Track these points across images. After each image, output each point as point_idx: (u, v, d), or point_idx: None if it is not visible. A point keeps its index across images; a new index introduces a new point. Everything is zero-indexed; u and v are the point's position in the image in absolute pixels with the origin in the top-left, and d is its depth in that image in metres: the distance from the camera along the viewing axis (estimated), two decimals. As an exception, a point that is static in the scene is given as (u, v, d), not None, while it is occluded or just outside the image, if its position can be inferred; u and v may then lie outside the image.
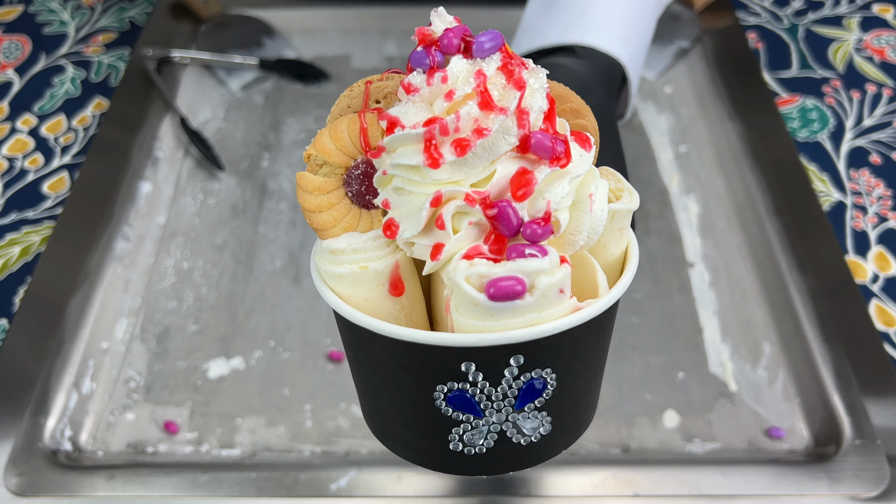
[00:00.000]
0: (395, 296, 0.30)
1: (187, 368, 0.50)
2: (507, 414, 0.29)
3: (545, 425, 0.30)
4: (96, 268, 0.53)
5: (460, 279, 0.26)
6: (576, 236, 0.28)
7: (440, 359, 0.28)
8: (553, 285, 0.26)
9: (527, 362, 0.27)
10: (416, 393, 0.29)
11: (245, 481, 0.44)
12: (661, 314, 0.53)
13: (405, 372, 0.29)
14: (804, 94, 0.67)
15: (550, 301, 0.26)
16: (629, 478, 0.44)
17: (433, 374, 0.28)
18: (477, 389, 0.28)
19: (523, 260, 0.26)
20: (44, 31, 0.74)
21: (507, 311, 0.26)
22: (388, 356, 0.29)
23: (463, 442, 0.30)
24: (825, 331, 0.50)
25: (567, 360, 0.29)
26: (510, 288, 0.25)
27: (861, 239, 0.57)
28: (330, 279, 0.29)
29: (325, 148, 0.29)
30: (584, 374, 0.31)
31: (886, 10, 0.75)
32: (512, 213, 0.26)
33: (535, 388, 0.29)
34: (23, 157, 0.63)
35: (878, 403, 0.46)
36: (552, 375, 0.28)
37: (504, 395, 0.28)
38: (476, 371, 0.28)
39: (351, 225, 0.30)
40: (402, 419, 0.31)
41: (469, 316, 0.26)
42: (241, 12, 0.74)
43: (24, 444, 0.45)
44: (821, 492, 0.43)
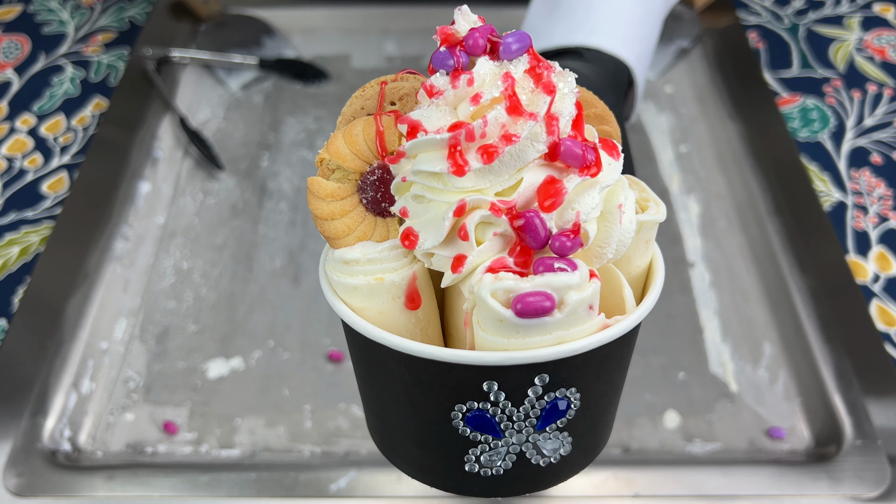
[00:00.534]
0: (411, 309, 0.28)
1: (187, 369, 0.50)
2: (527, 435, 0.28)
3: (566, 446, 0.29)
4: (96, 268, 0.53)
5: (486, 294, 0.24)
6: (604, 249, 0.27)
7: (461, 378, 0.26)
8: (583, 301, 0.24)
9: (552, 381, 0.26)
10: (433, 412, 0.28)
11: (244, 482, 0.44)
12: (662, 314, 0.53)
13: (422, 390, 0.27)
14: (805, 94, 0.67)
15: (580, 318, 0.25)
16: (630, 478, 0.44)
17: (453, 394, 0.27)
18: (498, 409, 0.27)
19: (552, 274, 0.24)
20: (43, 30, 0.74)
21: (534, 328, 0.24)
22: (405, 373, 0.27)
23: (479, 463, 0.29)
24: (826, 331, 0.50)
25: (592, 379, 0.27)
26: (538, 304, 0.24)
27: (862, 239, 0.56)
28: (342, 291, 0.28)
29: (340, 152, 0.27)
30: (608, 392, 0.29)
31: (887, 9, 0.75)
32: (540, 224, 0.25)
33: (559, 409, 0.27)
34: (22, 157, 0.63)
35: (879, 404, 0.46)
36: (576, 395, 0.27)
37: (526, 415, 0.27)
38: (498, 391, 0.26)
39: (366, 234, 0.28)
40: (414, 438, 0.30)
41: (493, 332, 0.25)
42: (241, 12, 0.74)
43: (23, 444, 0.45)
44: (821, 492, 0.43)
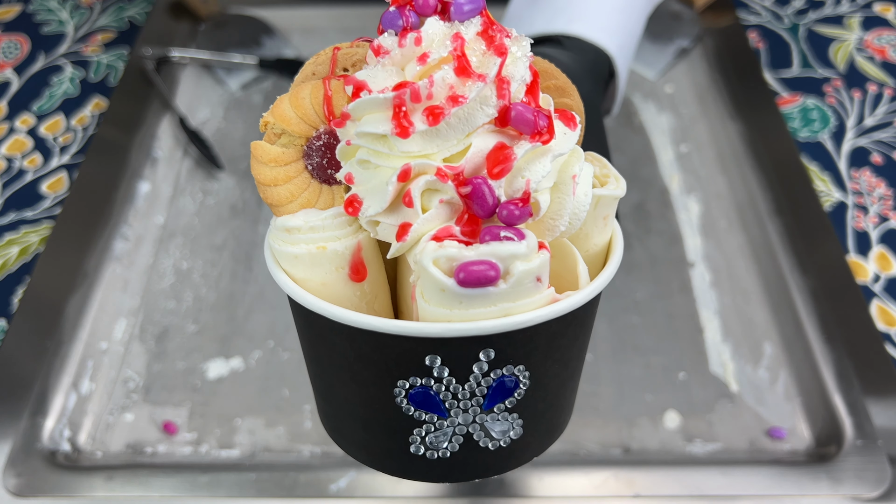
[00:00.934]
0: (355, 281, 0.27)
1: (186, 369, 0.50)
2: (474, 415, 0.27)
3: (516, 429, 0.28)
4: (95, 268, 0.53)
5: (427, 262, 0.23)
6: (556, 221, 0.26)
7: (402, 351, 0.25)
8: (529, 272, 0.23)
9: (497, 357, 0.25)
10: (375, 389, 0.26)
11: (244, 482, 0.44)
12: (662, 314, 0.53)
13: (364, 365, 0.26)
14: (805, 94, 0.67)
15: (526, 290, 0.24)
16: (630, 478, 0.44)
17: (394, 369, 0.25)
18: (442, 386, 0.26)
19: (498, 243, 0.23)
20: (42, 30, 0.74)
21: (477, 298, 0.23)
22: (346, 347, 0.26)
23: (425, 445, 0.28)
24: (826, 331, 0.50)
25: (542, 357, 0.26)
26: (482, 273, 0.23)
27: (862, 239, 0.56)
28: (284, 260, 0.27)
29: (285, 115, 0.26)
30: (560, 374, 0.28)
31: (887, 9, 0.75)
32: (487, 191, 0.24)
33: (506, 387, 0.26)
34: (21, 157, 0.62)
35: (880, 404, 0.46)
36: (525, 374, 0.26)
37: (472, 393, 0.26)
38: (442, 366, 0.25)
39: (309, 201, 0.27)
40: (359, 418, 0.28)
41: (436, 303, 0.24)
42: (241, 11, 0.74)
43: (22, 444, 0.45)
44: (822, 492, 0.43)
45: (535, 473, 0.44)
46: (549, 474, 0.44)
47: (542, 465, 0.45)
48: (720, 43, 0.71)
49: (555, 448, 0.46)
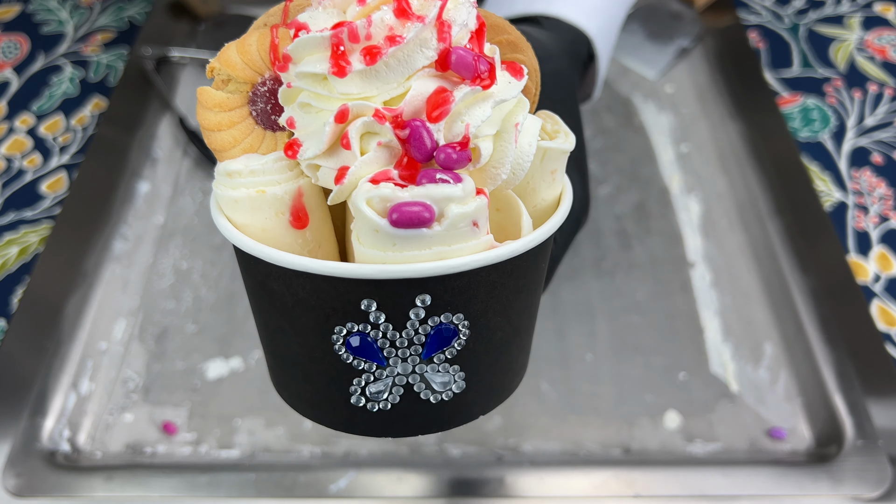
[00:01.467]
0: (297, 228, 0.27)
1: (186, 369, 0.50)
2: (413, 364, 0.26)
3: (458, 382, 0.27)
4: (95, 268, 0.53)
5: (361, 202, 0.23)
6: (498, 169, 0.26)
7: (338, 294, 0.25)
8: (465, 216, 0.23)
9: (434, 304, 0.25)
10: (314, 336, 0.26)
11: (244, 482, 0.44)
12: (663, 314, 0.53)
13: (302, 311, 0.26)
14: (805, 94, 0.67)
15: (462, 234, 0.24)
16: (630, 479, 0.44)
17: (331, 314, 0.25)
18: (379, 333, 0.25)
19: (433, 185, 0.23)
20: (42, 30, 0.74)
21: (411, 240, 0.23)
22: (284, 292, 0.26)
23: (366, 396, 0.27)
24: (827, 331, 0.50)
25: (481, 307, 0.26)
26: (416, 214, 0.22)
27: (862, 239, 0.56)
28: (226, 205, 0.26)
29: (231, 61, 0.26)
30: (504, 328, 0.27)
31: (888, 9, 0.75)
32: (426, 134, 0.24)
33: (445, 336, 0.26)
34: (21, 157, 0.62)
35: (880, 404, 0.46)
36: (464, 323, 0.26)
37: (410, 341, 0.25)
38: (378, 311, 0.25)
39: (252, 146, 0.27)
40: (301, 369, 0.28)
41: (370, 245, 0.24)
42: (240, 11, 0.74)
43: (22, 444, 0.45)
44: (822, 492, 0.43)
45: (535, 473, 0.44)
46: (549, 474, 0.44)
47: (542, 465, 0.45)
48: (720, 43, 0.71)
49: (555, 448, 0.46)
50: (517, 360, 0.30)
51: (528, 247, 0.26)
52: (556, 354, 0.50)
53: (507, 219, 0.27)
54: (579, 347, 0.51)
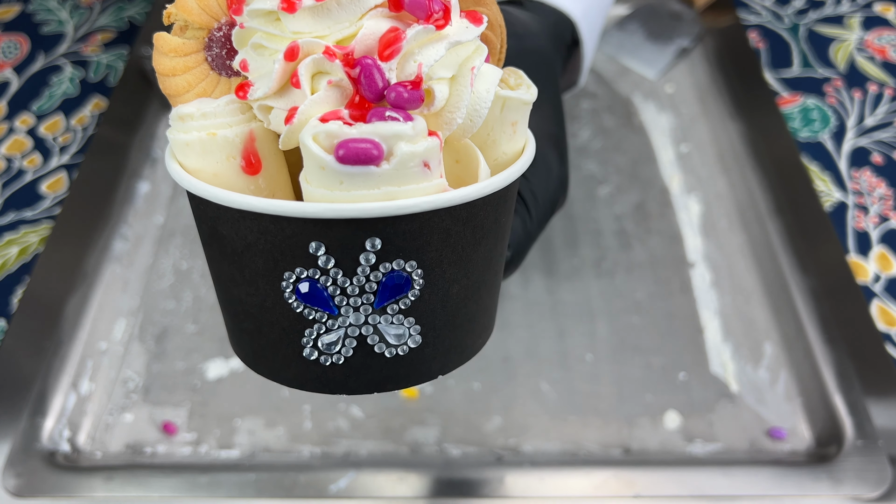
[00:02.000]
0: (249, 174, 0.26)
1: (186, 369, 0.50)
2: (366, 314, 0.25)
3: (413, 336, 0.26)
4: (95, 268, 0.53)
5: (307, 137, 0.23)
6: (453, 114, 0.25)
7: (286, 237, 0.24)
8: (415, 155, 0.23)
9: (385, 249, 0.24)
10: (264, 283, 0.26)
11: (244, 482, 0.44)
12: (663, 314, 0.53)
13: (251, 256, 0.25)
14: (805, 94, 0.67)
15: (412, 174, 0.23)
16: (630, 479, 0.44)
17: (279, 258, 0.25)
18: (328, 279, 0.25)
19: (382, 122, 0.23)
20: (42, 30, 0.74)
21: (359, 178, 0.23)
22: (233, 237, 0.25)
23: (318, 349, 0.26)
24: (827, 331, 0.50)
25: (436, 256, 0.25)
26: (363, 151, 0.22)
27: (862, 239, 0.56)
28: (178, 150, 0.26)
29: (187, 6, 0.26)
30: (461, 281, 0.27)
31: (888, 9, 0.75)
32: (376, 71, 0.23)
33: (397, 284, 0.25)
34: (21, 157, 0.62)
35: (880, 404, 0.46)
36: (418, 272, 0.25)
37: (361, 288, 0.25)
38: (327, 255, 0.24)
39: (206, 91, 0.27)
40: (253, 322, 0.27)
41: (317, 183, 0.23)
42: (241, 11, 0.74)
43: (22, 444, 0.45)
44: (822, 492, 0.43)
45: (535, 473, 0.44)
46: (549, 474, 0.44)
47: (542, 465, 0.45)
48: (720, 43, 0.71)
49: (555, 448, 0.46)
50: (478, 318, 0.29)
51: (483, 192, 0.25)
52: (556, 354, 0.50)
53: (466, 170, 0.27)
54: (579, 347, 0.51)
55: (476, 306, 0.28)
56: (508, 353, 0.50)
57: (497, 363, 0.50)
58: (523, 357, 0.50)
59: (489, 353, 0.50)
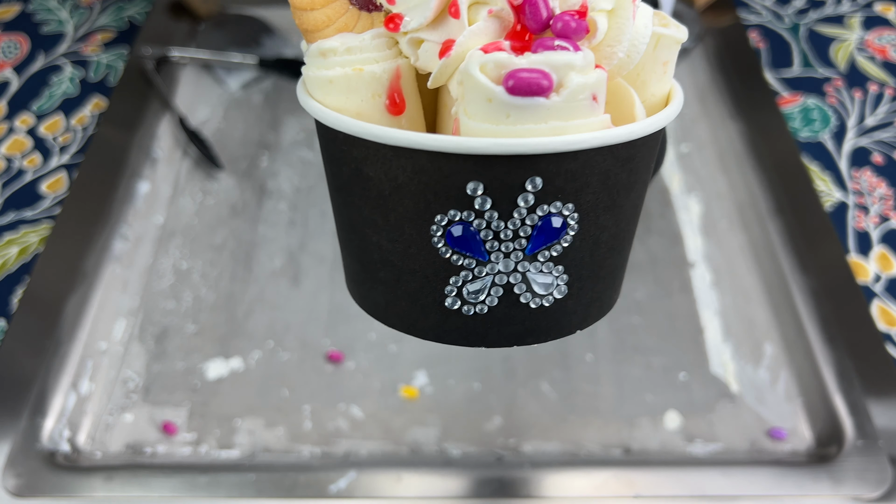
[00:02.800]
0: (393, 114, 0.25)
1: (186, 369, 0.50)
2: (516, 261, 0.24)
3: (560, 286, 0.25)
4: (94, 268, 0.53)
5: (474, 68, 0.21)
6: (614, 48, 0.24)
7: (442, 176, 0.23)
8: (585, 87, 0.21)
9: (545, 189, 0.23)
10: (411, 228, 0.24)
11: (244, 482, 0.43)
12: (663, 314, 0.53)
13: (399, 198, 0.24)
14: (806, 94, 0.67)
15: (580, 108, 0.22)
16: (630, 479, 0.44)
17: (432, 199, 0.23)
18: (483, 222, 0.23)
19: (552, 52, 0.21)
20: (42, 30, 0.74)
21: (527, 111, 0.21)
22: (381, 178, 0.24)
23: (461, 297, 0.25)
24: (827, 331, 0.49)
25: (593, 199, 0.24)
26: (534, 81, 0.21)
27: (863, 239, 0.56)
28: (317, 87, 0.25)
29: None
30: (611, 229, 0.25)
31: (888, 8, 0.75)
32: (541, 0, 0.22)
33: (553, 228, 0.24)
34: (21, 157, 0.62)
35: (881, 404, 0.46)
36: (574, 216, 0.24)
37: (515, 233, 0.24)
38: (484, 195, 0.23)
39: (347, 25, 0.25)
40: (391, 270, 0.26)
41: (481, 117, 0.22)
42: (240, 11, 0.74)
43: (22, 444, 0.45)
44: (823, 493, 0.43)
45: (535, 473, 0.44)
46: (549, 474, 0.44)
47: (542, 465, 0.45)
48: (721, 42, 0.71)
49: (555, 448, 0.46)
50: (617, 272, 0.28)
51: (646, 131, 0.24)
52: (556, 354, 0.50)
53: (617, 110, 0.25)
54: (579, 347, 0.51)
55: (619, 258, 0.27)
56: (508, 353, 0.50)
57: (497, 363, 0.50)
58: (523, 357, 0.50)
59: (489, 353, 0.50)
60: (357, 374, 0.49)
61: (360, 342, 0.51)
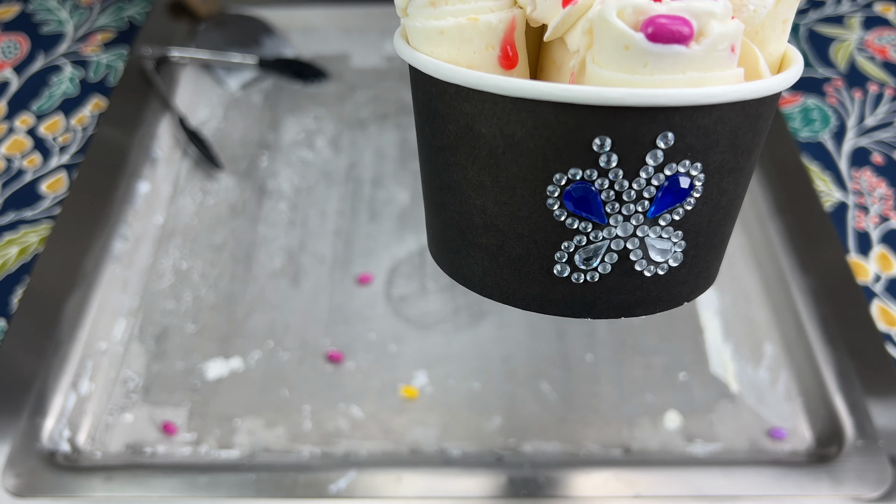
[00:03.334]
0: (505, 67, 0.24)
1: (186, 369, 0.50)
2: (636, 224, 0.23)
3: (676, 253, 0.24)
4: (94, 268, 0.53)
5: (611, 13, 0.20)
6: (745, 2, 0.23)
7: (567, 131, 0.21)
8: (726, 36, 0.20)
9: (675, 147, 0.21)
10: (524, 189, 0.23)
11: (244, 482, 0.43)
12: (663, 314, 0.53)
13: (515, 156, 0.22)
14: (806, 94, 0.67)
15: (719, 58, 0.21)
16: (630, 479, 0.44)
17: (552, 157, 0.22)
18: (606, 181, 0.22)
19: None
20: (42, 30, 0.74)
21: (666, 59, 0.20)
22: (496, 135, 0.23)
23: (572, 264, 0.24)
24: (827, 331, 0.49)
25: (720, 159, 0.23)
26: (676, 28, 0.20)
27: (863, 239, 0.56)
28: (426, 39, 0.23)
29: None
30: (730, 192, 0.24)
31: (888, 9, 0.75)
32: None
33: (680, 189, 0.22)
34: (21, 157, 0.62)
35: (881, 404, 0.46)
36: (700, 177, 0.22)
37: (639, 193, 0.22)
38: (611, 152, 0.21)
39: None
40: (495, 235, 0.24)
41: (615, 66, 0.21)
42: (240, 11, 0.74)
43: (22, 444, 0.45)
44: (823, 493, 0.43)
45: (535, 473, 0.44)
46: (549, 474, 0.44)
47: (542, 465, 0.45)
48: (720, 42, 0.71)
49: (555, 448, 0.46)
50: (725, 243, 0.27)
51: (779, 87, 0.23)
52: (556, 354, 0.50)
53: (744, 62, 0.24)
54: (579, 347, 0.51)
55: (730, 227, 0.26)
56: (508, 353, 0.50)
57: (497, 363, 0.50)
58: (523, 357, 0.50)
59: (489, 353, 0.50)
60: (357, 374, 0.49)
61: (360, 342, 0.51)
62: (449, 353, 0.50)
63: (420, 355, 0.50)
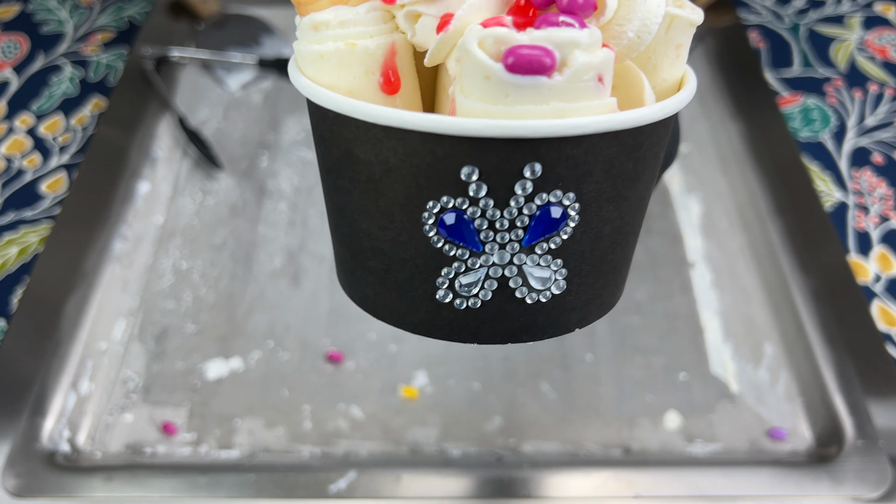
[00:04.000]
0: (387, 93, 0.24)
1: (186, 369, 0.50)
2: (512, 252, 0.23)
3: (558, 280, 0.24)
4: (94, 268, 0.53)
5: (472, 43, 0.20)
6: (624, 27, 0.22)
7: (435, 160, 0.21)
8: (591, 66, 0.20)
9: (544, 177, 0.21)
10: (402, 214, 0.23)
11: (244, 482, 0.43)
12: (663, 315, 0.53)
13: (390, 182, 0.23)
14: (806, 94, 0.67)
15: (585, 89, 0.20)
16: (630, 479, 0.44)
17: (424, 185, 0.22)
18: (478, 210, 0.22)
19: (555, 28, 0.20)
20: (42, 30, 0.74)
21: (527, 90, 0.20)
22: (371, 159, 0.23)
23: (454, 290, 0.24)
24: (827, 331, 0.49)
25: (596, 189, 0.22)
26: (536, 58, 0.19)
27: (863, 239, 0.56)
28: (309, 63, 0.23)
29: None
30: (614, 222, 0.24)
31: (888, 8, 0.75)
32: None
33: (552, 220, 0.22)
34: (21, 157, 0.62)
35: (881, 404, 0.46)
36: (575, 206, 0.22)
37: (511, 223, 0.22)
38: (479, 182, 0.22)
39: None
40: (381, 260, 0.25)
41: (478, 97, 0.20)
42: (240, 11, 0.74)
43: (21, 445, 0.45)
44: (823, 493, 0.43)
45: (535, 473, 0.44)
46: (549, 474, 0.44)
47: (543, 465, 0.45)
48: (721, 42, 0.71)
49: (555, 448, 0.46)
50: (620, 269, 0.27)
51: (655, 116, 0.22)
52: (556, 354, 0.50)
53: (626, 94, 0.24)
54: (579, 347, 0.51)
55: (622, 254, 0.26)
56: (508, 353, 0.50)
57: (497, 363, 0.50)
58: (523, 357, 0.50)
59: (489, 353, 0.50)
60: (357, 374, 0.49)
61: (360, 342, 0.51)
62: (449, 353, 0.50)
63: (420, 355, 0.50)
